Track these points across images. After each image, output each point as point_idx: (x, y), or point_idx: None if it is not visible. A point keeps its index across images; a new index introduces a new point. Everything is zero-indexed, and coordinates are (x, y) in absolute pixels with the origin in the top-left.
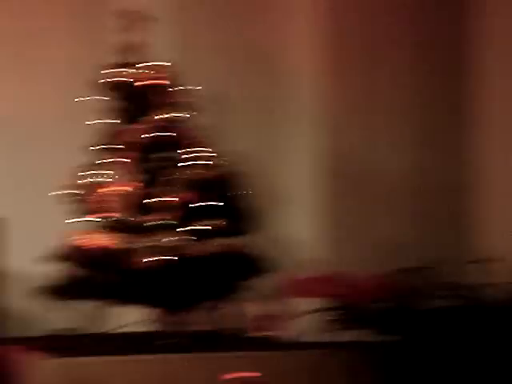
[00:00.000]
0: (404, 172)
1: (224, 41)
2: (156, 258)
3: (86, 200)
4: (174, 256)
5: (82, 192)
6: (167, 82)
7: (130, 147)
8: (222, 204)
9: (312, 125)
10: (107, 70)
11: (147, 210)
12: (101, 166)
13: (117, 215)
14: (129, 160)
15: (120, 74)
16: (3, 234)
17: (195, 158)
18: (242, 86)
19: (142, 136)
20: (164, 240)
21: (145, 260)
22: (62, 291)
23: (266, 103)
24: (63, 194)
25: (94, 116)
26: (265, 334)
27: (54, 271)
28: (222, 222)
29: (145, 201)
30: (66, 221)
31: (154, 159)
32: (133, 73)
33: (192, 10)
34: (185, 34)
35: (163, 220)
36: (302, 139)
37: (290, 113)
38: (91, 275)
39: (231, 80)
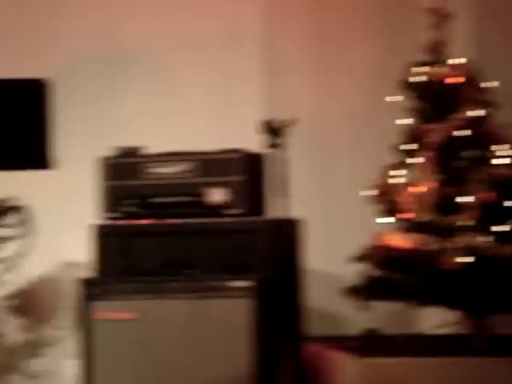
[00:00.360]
0: None
1: None
2: (460, 260)
3: (389, 200)
4: (477, 257)
5: (386, 192)
6: (467, 80)
7: (431, 147)
8: None
9: None
10: (410, 68)
11: (449, 210)
12: (404, 166)
13: (419, 216)
14: (430, 160)
15: (421, 73)
16: (305, 234)
17: (498, 156)
18: None
19: (444, 135)
20: (467, 241)
21: (449, 262)
22: (366, 291)
23: None
24: (367, 194)
25: (398, 116)
26: None
27: (358, 271)
28: None
29: (447, 201)
30: (370, 221)
31: (455, 159)
32: (434, 71)
33: (489, 4)
34: (482, 29)
35: (466, 221)
36: None
37: None
38: (394, 276)
39: None
